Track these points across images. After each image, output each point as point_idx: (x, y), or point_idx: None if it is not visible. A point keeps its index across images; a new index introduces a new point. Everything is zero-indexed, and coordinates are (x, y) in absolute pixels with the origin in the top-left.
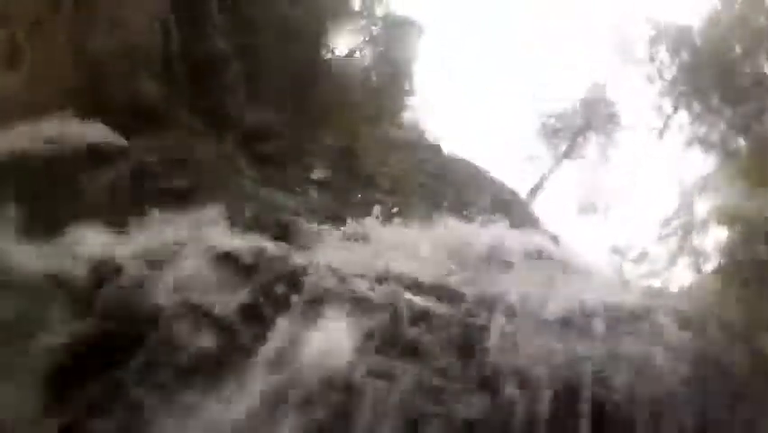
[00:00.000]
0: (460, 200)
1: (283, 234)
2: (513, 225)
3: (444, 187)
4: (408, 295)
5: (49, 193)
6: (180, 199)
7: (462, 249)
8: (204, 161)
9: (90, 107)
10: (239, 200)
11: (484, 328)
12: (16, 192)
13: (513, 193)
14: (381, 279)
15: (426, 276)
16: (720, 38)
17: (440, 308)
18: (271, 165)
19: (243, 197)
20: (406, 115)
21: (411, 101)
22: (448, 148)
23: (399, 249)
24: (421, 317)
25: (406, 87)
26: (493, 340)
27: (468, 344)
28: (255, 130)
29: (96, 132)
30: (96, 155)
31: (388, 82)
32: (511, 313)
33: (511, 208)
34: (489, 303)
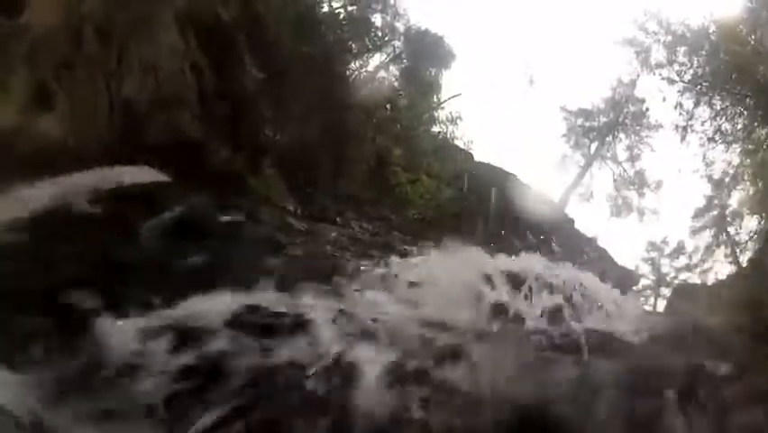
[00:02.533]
0: (493, 209)
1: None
2: (548, 229)
3: (476, 196)
4: None
5: (108, 242)
6: (234, 238)
7: None
8: (248, 195)
9: (130, 148)
10: (289, 235)
11: None
12: (74, 243)
13: (546, 197)
14: None
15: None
16: (735, 36)
17: None
18: (309, 193)
19: (293, 232)
20: (436, 128)
21: (440, 113)
22: (478, 155)
23: None
24: None
25: (435, 101)
26: None
27: None
28: (291, 159)
29: (144, 174)
30: (147, 198)
31: (416, 97)
32: None
33: (545, 212)
34: None
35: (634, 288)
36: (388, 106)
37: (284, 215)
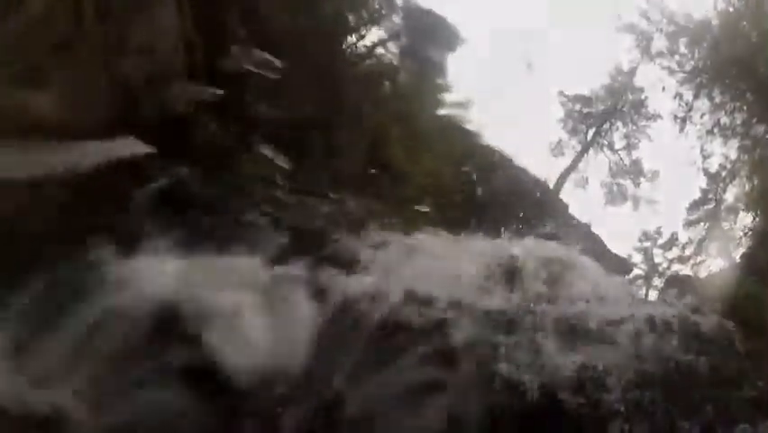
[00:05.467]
0: (488, 192)
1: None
2: (542, 214)
3: (475, 178)
4: None
5: (95, 211)
6: (220, 210)
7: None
8: (237, 170)
9: (125, 127)
10: (276, 209)
11: None
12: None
13: (540, 181)
14: None
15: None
16: (737, 30)
17: None
18: (302, 169)
19: (280, 206)
20: (442, 110)
21: (446, 96)
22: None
23: None
24: None
25: (439, 82)
26: None
27: None
28: (285, 136)
29: (133, 146)
30: (136, 168)
31: (418, 77)
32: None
33: (539, 197)
34: None
35: (626, 276)
36: (387, 83)
37: (272, 189)
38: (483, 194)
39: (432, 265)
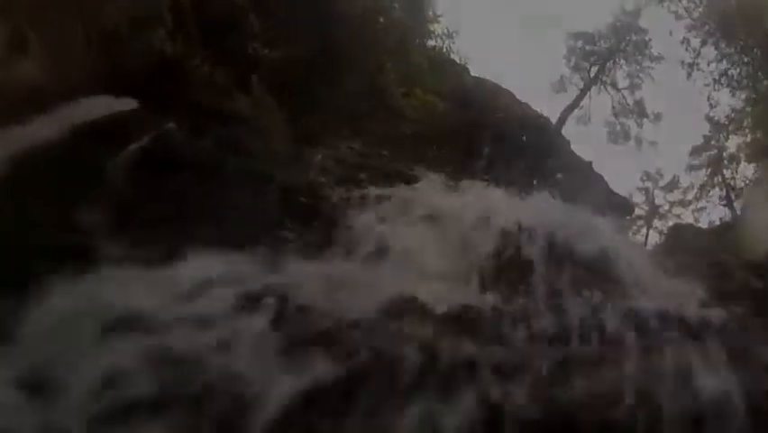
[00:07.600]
0: (488, 127)
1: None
2: (543, 150)
3: (472, 113)
4: None
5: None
6: (211, 172)
7: None
8: (232, 118)
9: (106, 81)
10: (272, 164)
11: None
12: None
13: (542, 116)
14: None
15: None
16: None
17: None
18: (297, 114)
19: (277, 159)
20: (431, 42)
21: (436, 27)
22: (474, 71)
23: None
24: None
25: (430, 14)
26: None
27: None
28: (282, 75)
29: (113, 104)
30: (115, 129)
31: (411, 10)
32: None
33: (541, 132)
34: None
35: (628, 216)
36: (381, 19)
37: (269, 138)
38: (483, 130)
39: (422, 238)
